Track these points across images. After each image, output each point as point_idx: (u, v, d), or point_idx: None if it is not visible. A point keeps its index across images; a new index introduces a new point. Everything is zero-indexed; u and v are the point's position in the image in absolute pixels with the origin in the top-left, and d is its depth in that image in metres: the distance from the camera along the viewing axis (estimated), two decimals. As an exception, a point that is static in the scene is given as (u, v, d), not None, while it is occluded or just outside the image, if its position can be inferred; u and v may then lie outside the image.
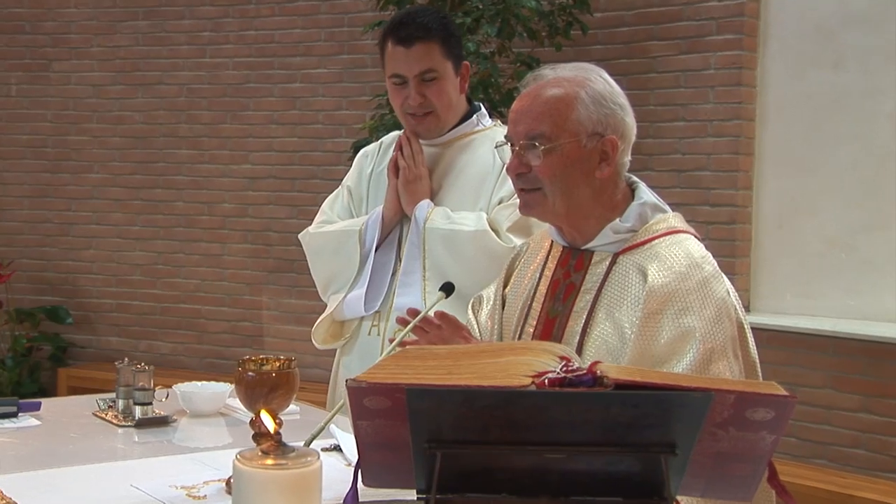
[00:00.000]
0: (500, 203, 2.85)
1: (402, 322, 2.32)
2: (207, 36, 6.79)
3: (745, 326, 2.15)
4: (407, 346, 2.14)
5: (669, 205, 2.27)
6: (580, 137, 2.14)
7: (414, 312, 2.35)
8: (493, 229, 2.80)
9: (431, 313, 2.32)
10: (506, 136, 2.23)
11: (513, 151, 2.19)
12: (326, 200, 3.15)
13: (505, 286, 2.41)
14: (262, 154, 6.67)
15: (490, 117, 3.05)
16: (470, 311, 2.50)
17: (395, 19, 2.91)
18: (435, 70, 2.84)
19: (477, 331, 2.44)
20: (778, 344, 4.97)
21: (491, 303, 2.44)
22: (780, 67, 5.32)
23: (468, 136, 2.96)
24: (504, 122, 2.87)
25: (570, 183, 2.15)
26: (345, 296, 2.94)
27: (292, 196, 6.58)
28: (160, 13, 6.88)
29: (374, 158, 3.10)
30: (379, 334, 2.91)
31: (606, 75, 2.21)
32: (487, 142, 2.93)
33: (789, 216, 5.31)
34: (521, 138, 2.16)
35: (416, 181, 2.90)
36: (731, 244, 5.29)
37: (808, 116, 5.25)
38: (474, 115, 2.98)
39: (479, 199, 2.88)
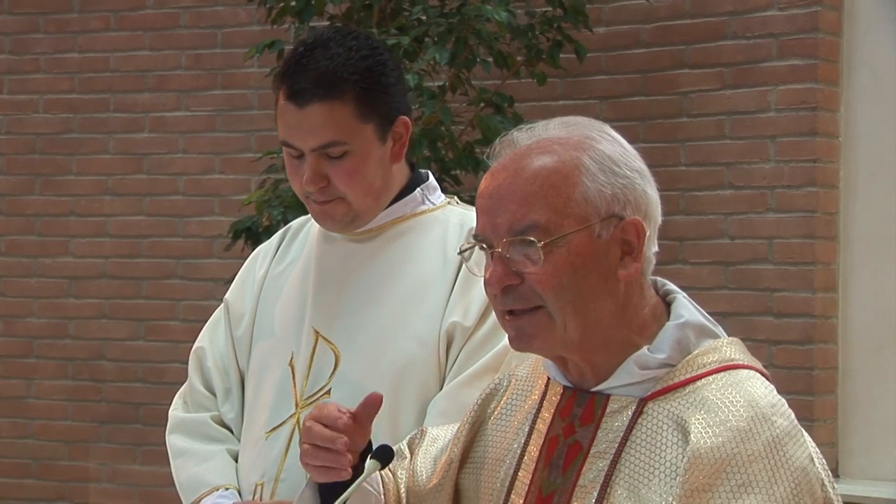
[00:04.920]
0: (450, 334, 2.84)
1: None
2: (3, 60, 6.85)
3: None
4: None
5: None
6: (591, 223, 2.17)
7: None
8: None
9: (366, 482, 2.34)
10: (475, 236, 2.24)
11: (491, 256, 2.20)
12: (208, 323, 3.19)
13: (471, 439, 2.41)
14: (91, 241, 6.69)
15: (442, 190, 3.09)
16: (404, 443, 2.56)
17: (291, 56, 2.90)
18: (343, 143, 2.84)
19: (406, 471, 2.46)
20: (881, 526, 5.03)
21: (440, 449, 2.47)
22: (873, 108, 5.45)
23: (407, 219, 3.00)
24: (462, 196, 2.93)
25: (585, 292, 2.17)
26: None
27: (137, 305, 6.59)
28: (-69, 26, 6.93)
29: (269, 257, 3.15)
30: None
31: (612, 131, 2.26)
32: (436, 227, 2.97)
33: (894, 332, 5.40)
34: (504, 234, 2.17)
35: None
36: (806, 375, 5.36)
37: (918, 181, 5.38)
38: (417, 190, 3.01)
39: (416, 318, 2.88)
